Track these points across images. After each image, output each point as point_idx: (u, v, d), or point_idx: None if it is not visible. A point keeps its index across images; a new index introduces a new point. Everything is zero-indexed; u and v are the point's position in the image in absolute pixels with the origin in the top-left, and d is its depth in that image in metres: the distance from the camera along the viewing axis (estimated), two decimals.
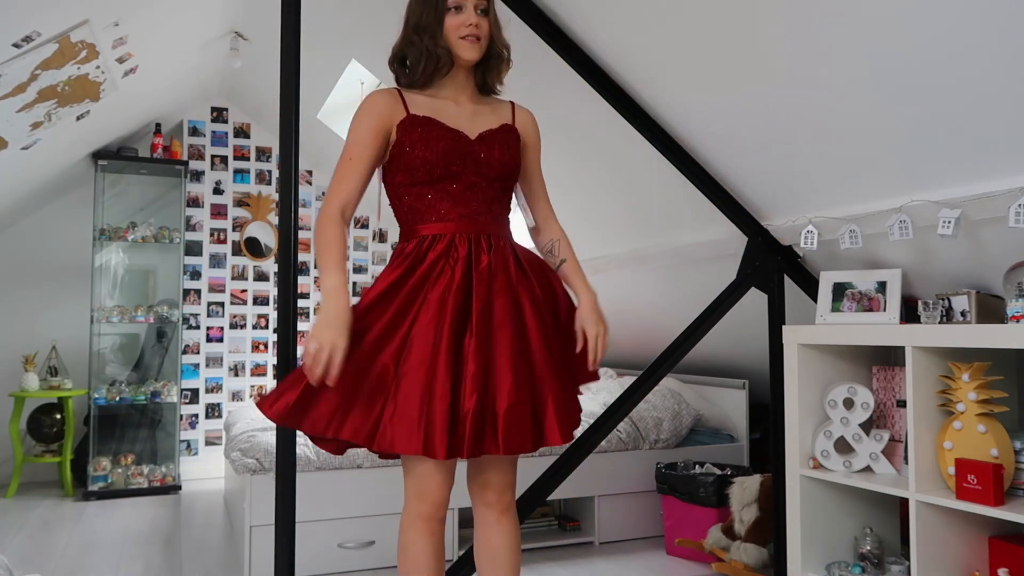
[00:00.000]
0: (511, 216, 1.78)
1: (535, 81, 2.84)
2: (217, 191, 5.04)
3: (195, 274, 4.94)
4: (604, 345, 1.69)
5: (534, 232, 1.86)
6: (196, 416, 4.89)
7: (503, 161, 1.68)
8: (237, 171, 5.09)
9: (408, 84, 1.73)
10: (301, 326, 5.15)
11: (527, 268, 1.68)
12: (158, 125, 4.74)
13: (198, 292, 4.95)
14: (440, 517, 1.64)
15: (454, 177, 1.64)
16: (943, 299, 2.20)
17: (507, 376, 1.55)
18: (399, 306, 1.56)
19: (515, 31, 2.21)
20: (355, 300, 1.54)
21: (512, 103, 1.81)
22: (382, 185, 1.77)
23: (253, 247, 5.09)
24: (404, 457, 1.63)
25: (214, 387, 4.96)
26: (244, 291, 5.06)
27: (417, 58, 1.68)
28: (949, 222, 2.06)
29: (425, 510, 1.62)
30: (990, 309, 2.17)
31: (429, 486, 1.61)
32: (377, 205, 1.85)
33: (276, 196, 5.13)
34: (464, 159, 1.65)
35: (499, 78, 1.78)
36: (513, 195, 1.79)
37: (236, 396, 5.00)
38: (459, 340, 1.54)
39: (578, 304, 1.72)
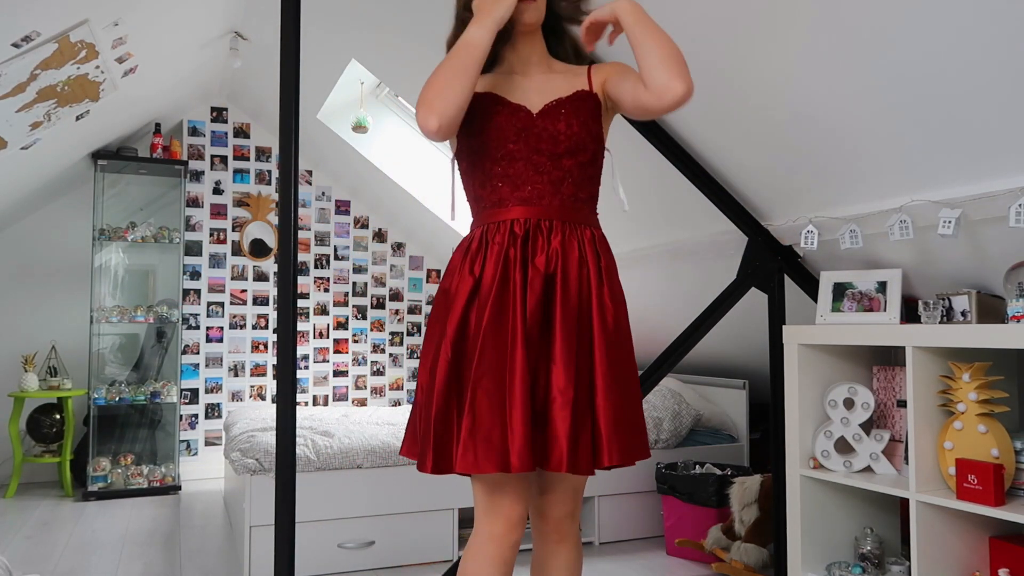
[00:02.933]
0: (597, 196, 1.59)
1: None
2: (217, 191, 5.03)
3: (195, 274, 4.94)
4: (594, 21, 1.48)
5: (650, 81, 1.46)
6: (196, 416, 4.89)
7: (569, 133, 1.48)
8: (237, 171, 5.09)
9: None
10: (301, 326, 5.15)
11: (591, 261, 1.49)
12: (158, 125, 4.74)
13: (198, 292, 4.94)
14: (513, 541, 1.45)
15: (511, 156, 1.48)
16: (943, 299, 2.20)
17: (567, 384, 1.40)
18: (466, 315, 1.45)
19: None
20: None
21: (591, 65, 1.60)
22: (456, 176, 1.62)
23: (258, 249, 5.09)
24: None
25: (214, 387, 4.95)
26: (244, 291, 5.05)
27: None
28: (949, 222, 2.06)
29: (497, 530, 1.44)
30: (990, 309, 2.17)
31: (502, 503, 1.44)
32: (451, 198, 1.61)
33: (276, 196, 5.13)
34: (522, 135, 1.48)
35: (574, 42, 1.61)
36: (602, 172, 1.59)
37: (236, 396, 5.00)
38: (513, 342, 1.40)
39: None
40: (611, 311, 1.48)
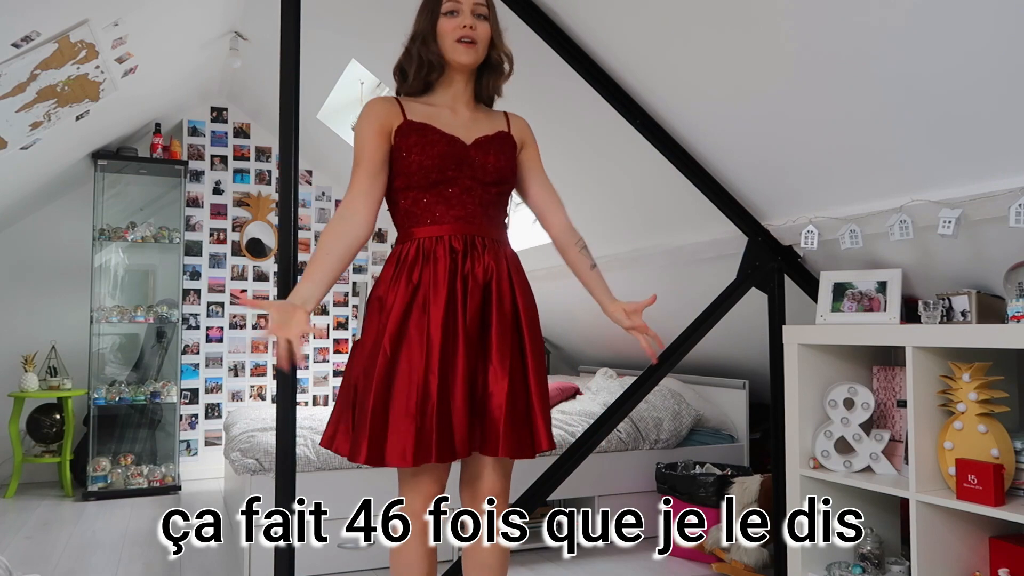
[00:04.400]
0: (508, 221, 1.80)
1: (536, 81, 2.83)
2: (217, 191, 5.03)
3: (195, 274, 4.94)
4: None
5: (547, 224, 1.86)
6: (196, 416, 4.89)
7: (498, 166, 1.70)
8: (237, 171, 5.09)
9: (406, 93, 1.75)
10: None
11: (515, 275, 1.71)
12: (158, 125, 4.74)
13: (198, 292, 4.95)
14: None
15: (450, 181, 1.66)
16: (943, 299, 2.20)
17: (503, 379, 1.60)
18: (405, 319, 1.61)
19: (516, 32, 2.21)
20: (355, 301, 1.55)
21: (505, 112, 1.82)
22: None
23: (257, 249, 5.09)
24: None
25: (214, 387, 4.95)
26: (244, 291, 5.05)
27: (410, 65, 1.71)
28: (949, 222, 2.06)
29: (418, 507, 1.69)
30: (990, 309, 2.17)
31: (421, 483, 1.68)
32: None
33: (276, 196, 5.13)
34: (460, 164, 1.66)
35: (497, 88, 1.79)
36: (509, 201, 1.82)
37: (236, 396, 5.00)
38: (455, 343, 1.59)
39: (613, 308, 1.84)
40: (534, 320, 1.71)
